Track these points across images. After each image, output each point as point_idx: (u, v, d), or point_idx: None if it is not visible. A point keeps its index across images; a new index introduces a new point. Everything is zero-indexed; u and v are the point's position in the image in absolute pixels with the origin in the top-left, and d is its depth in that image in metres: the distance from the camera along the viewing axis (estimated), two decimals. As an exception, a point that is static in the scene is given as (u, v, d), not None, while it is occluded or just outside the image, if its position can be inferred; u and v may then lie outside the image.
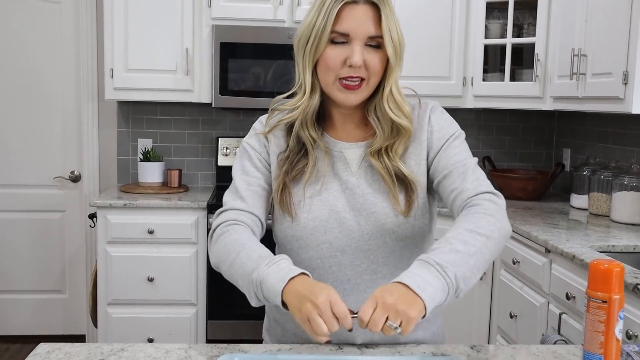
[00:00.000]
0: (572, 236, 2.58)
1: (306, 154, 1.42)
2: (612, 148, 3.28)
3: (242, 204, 1.41)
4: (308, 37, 1.35)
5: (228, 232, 1.36)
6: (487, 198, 1.32)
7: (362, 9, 1.33)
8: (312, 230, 1.39)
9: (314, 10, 1.35)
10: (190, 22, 3.37)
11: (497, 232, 1.26)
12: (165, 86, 3.39)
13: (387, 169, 1.39)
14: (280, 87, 3.38)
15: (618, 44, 2.60)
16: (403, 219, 1.38)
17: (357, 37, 1.32)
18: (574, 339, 2.26)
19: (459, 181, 1.36)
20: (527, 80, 3.31)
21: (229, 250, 1.32)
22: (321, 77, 1.38)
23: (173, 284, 3.25)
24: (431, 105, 1.46)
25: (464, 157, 1.40)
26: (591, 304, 1.15)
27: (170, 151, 3.79)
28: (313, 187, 1.41)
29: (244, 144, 1.50)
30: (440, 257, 1.19)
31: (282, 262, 1.25)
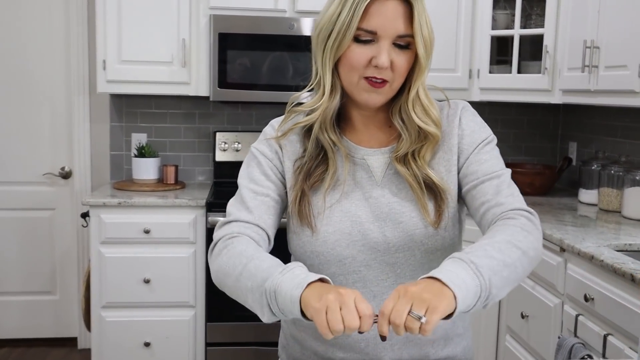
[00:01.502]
0: (587, 234, 2.49)
1: (325, 159, 1.30)
2: (621, 142, 3.20)
3: (249, 215, 1.28)
4: (330, 31, 1.23)
5: (232, 245, 1.23)
6: (524, 215, 1.21)
7: (392, 4, 1.20)
8: (334, 245, 1.27)
9: (336, 3, 1.22)
10: (187, 11, 3.24)
11: (533, 251, 1.16)
12: (161, 79, 3.25)
13: (414, 176, 1.27)
14: (281, 80, 3.26)
15: (634, 36, 2.51)
16: (433, 230, 1.26)
17: (386, 35, 1.21)
18: (592, 342, 2.17)
19: (491, 193, 1.24)
20: (535, 72, 3.22)
21: (234, 263, 1.18)
22: (343, 76, 1.26)
23: (170, 286, 3.13)
24: (462, 106, 1.34)
25: (497, 166, 1.29)
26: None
27: (166, 146, 3.66)
28: (332, 195, 1.29)
29: (253, 150, 1.36)
30: (476, 258, 1.07)
31: (297, 269, 1.10)
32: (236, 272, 1.17)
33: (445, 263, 1.08)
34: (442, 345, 1.33)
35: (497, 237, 1.14)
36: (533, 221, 1.21)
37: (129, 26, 3.22)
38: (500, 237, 1.14)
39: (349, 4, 1.20)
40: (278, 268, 1.11)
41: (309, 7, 3.26)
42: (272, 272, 1.10)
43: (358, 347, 1.28)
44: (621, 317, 2.04)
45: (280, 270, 1.10)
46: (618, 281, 2.07)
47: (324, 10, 1.27)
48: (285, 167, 1.33)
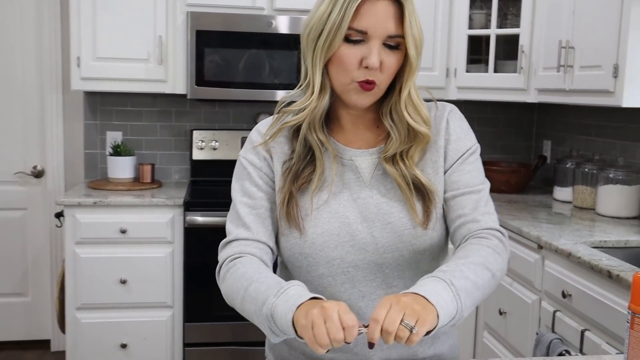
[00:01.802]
0: (563, 232, 2.53)
1: (313, 159, 1.29)
2: (594, 141, 3.25)
3: (246, 232, 1.29)
4: (320, 31, 1.22)
5: (234, 267, 1.24)
6: (497, 236, 1.26)
7: (382, 4, 1.20)
8: (322, 246, 1.27)
9: (326, 2, 1.22)
10: (164, 8, 3.20)
11: (500, 272, 1.22)
12: (137, 76, 3.21)
13: (403, 177, 1.27)
14: (259, 78, 3.25)
15: (608, 37, 2.55)
16: (421, 230, 1.27)
17: (376, 35, 1.20)
18: (569, 338, 2.21)
19: (469, 208, 1.28)
20: (511, 72, 3.25)
21: (237, 287, 1.21)
22: (334, 77, 1.25)
23: (147, 286, 3.10)
24: (449, 109, 1.35)
25: (478, 179, 1.31)
26: (636, 320, 1.07)
27: (142, 144, 3.61)
28: (320, 196, 1.29)
29: (242, 160, 1.35)
30: (455, 279, 1.11)
31: (291, 289, 1.12)
32: (240, 296, 1.20)
33: (427, 281, 1.11)
34: (430, 344, 1.34)
35: (472, 257, 1.18)
36: (504, 242, 1.26)
37: (104, 22, 3.17)
38: (474, 257, 1.18)
39: (340, 4, 1.19)
40: (274, 290, 1.13)
41: (287, 4, 3.25)
42: (269, 295, 1.12)
43: (347, 347, 1.28)
44: (598, 313, 2.07)
45: (275, 292, 1.12)
46: (595, 277, 2.11)
47: (314, 9, 1.26)
48: (275, 171, 1.32)
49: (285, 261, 1.34)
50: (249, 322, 2.97)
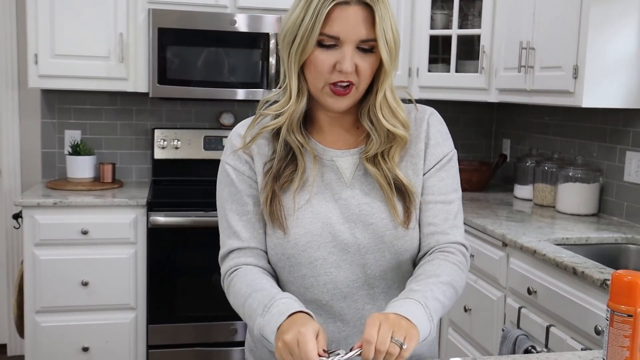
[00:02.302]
0: (527, 229, 2.59)
1: (294, 159, 1.30)
2: (553, 139, 3.33)
3: (238, 242, 1.31)
4: (294, 35, 1.23)
5: (232, 281, 1.31)
6: (462, 251, 1.32)
7: (353, 10, 1.20)
8: (305, 247, 1.27)
9: (300, 7, 1.22)
10: (125, 5, 3.13)
11: (461, 289, 1.29)
12: (97, 74, 3.14)
13: (385, 177, 1.28)
14: (223, 76, 3.22)
15: (568, 39, 2.62)
16: (403, 230, 1.29)
17: (348, 40, 1.21)
18: (534, 333, 2.26)
19: (440, 218, 1.32)
20: (472, 71, 3.30)
21: (237, 304, 1.28)
22: (310, 81, 1.26)
23: (110, 288, 3.04)
24: (429, 112, 1.36)
25: (452, 187, 1.35)
26: (615, 318, 1.10)
27: (101, 143, 3.54)
28: (301, 196, 1.29)
29: (225, 166, 1.35)
30: (429, 302, 1.17)
31: (274, 306, 1.17)
32: (241, 313, 1.27)
33: (404, 302, 1.16)
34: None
35: (441, 276, 1.23)
36: (466, 258, 1.33)
37: (62, 19, 3.08)
38: (443, 277, 1.23)
39: (312, 10, 1.20)
40: (261, 307, 1.19)
41: (250, 3, 3.23)
42: (258, 314, 1.18)
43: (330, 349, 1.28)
44: (563, 309, 2.13)
45: (261, 311, 1.18)
46: (560, 274, 2.16)
47: (289, 13, 1.26)
48: (257, 173, 1.32)
49: (270, 261, 1.35)
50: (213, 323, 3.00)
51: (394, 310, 1.12)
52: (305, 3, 1.21)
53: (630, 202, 2.77)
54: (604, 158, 2.93)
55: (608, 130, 2.91)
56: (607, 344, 1.11)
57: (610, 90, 2.59)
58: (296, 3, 1.25)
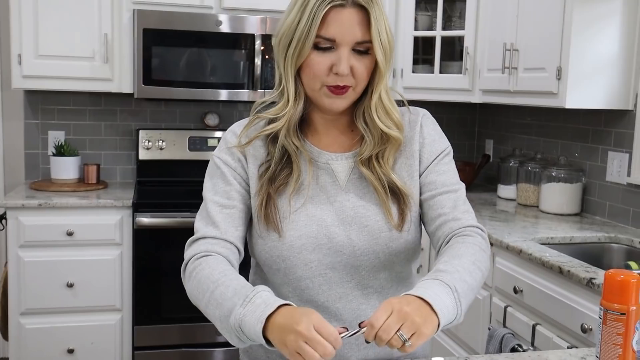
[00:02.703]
0: (512, 229, 2.62)
1: (290, 162, 1.30)
2: (535, 140, 3.37)
3: (215, 230, 1.28)
4: (290, 39, 1.24)
5: (200, 266, 1.24)
6: (479, 233, 1.30)
7: (349, 12, 1.21)
8: (300, 249, 1.28)
9: (295, 10, 1.23)
10: (109, 5, 3.12)
11: (486, 270, 1.26)
12: (82, 74, 3.12)
13: (379, 180, 1.30)
14: (208, 77, 3.22)
15: (551, 40, 2.65)
16: (397, 233, 1.29)
17: (344, 43, 1.22)
18: (521, 332, 2.29)
19: (449, 207, 1.31)
20: (456, 72, 3.33)
21: (202, 289, 1.20)
22: (306, 83, 1.27)
23: (95, 289, 3.02)
24: (422, 113, 1.38)
25: (454, 178, 1.35)
26: (608, 316, 1.12)
27: (85, 144, 3.51)
28: (297, 199, 1.30)
29: (216, 160, 1.34)
30: (457, 283, 1.14)
31: (257, 297, 1.12)
32: (205, 298, 1.19)
33: (432, 284, 1.13)
34: None
35: (465, 257, 1.21)
36: (485, 239, 1.30)
37: (46, 19, 3.06)
38: (467, 257, 1.21)
39: (307, 13, 1.21)
40: (240, 297, 1.13)
41: (236, 4, 3.23)
42: (235, 303, 1.12)
43: None
44: (549, 307, 2.16)
45: (241, 301, 1.12)
46: (546, 273, 2.19)
47: (284, 17, 1.27)
48: (249, 174, 1.32)
49: (262, 264, 1.34)
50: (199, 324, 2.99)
51: (419, 292, 1.10)
52: (300, 7, 1.23)
53: (612, 202, 2.82)
54: (586, 158, 2.98)
55: (590, 131, 2.95)
56: (600, 341, 1.13)
57: (593, 92, 2.63)
58: (291, 7, 1.26)
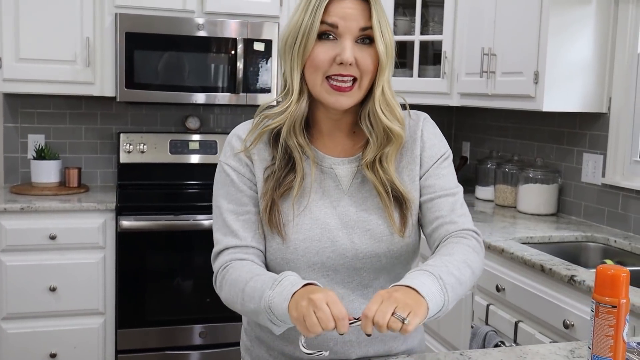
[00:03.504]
0: (492, 229, 2.69)
1: (294, 166, 1.32)
2: (512, 142, 3.45)
3: (235, 239, 1.32)
4: (295, 37, 1.27)
5: (228, 273, 1.29)
6: (474, 236, 1.33)
7: (351, 2, 1.26)
8: (304, 252, 1.30)
9: (299, 11, 1.28)
10: (91, 9, 3.11)
11: (478, 270, 1.29)
12: (64, 78, 3.11)
13: (382, 184, 1.32)
14: (190, 81, 3.23)
15: (528, 45, 2.73)
16: (398, 237, 1.33)
17: (347, 30, 1.26)
18: (503, 329, 2.35)
19: (446, 210, 1.34)
20: (434, 76, 3.39)
21: (235, 292, 1.25)
22: (309, 79, 1.29)
23: (78, 293, 3.01)
24: (423, 117, 1.41)
25: (452, 182, 1.38)
26: (600, 309, 1.17)
27: (66, 148, 3.49)
28: (300, 202, 1.32)
29: (224, 166, 1.37)
30: (443, 274, 1.18)
31: (285, 280, 1.17)
32: (239, 299, 1.24)
33: (417, 274, 1.17)
34: (403, 340, 1.41)
35: (455, 255, 1.25)
36: (480, 242, 1.33)
37: (27, 23, 3.05)
38: (458, 256, 1.25)
39: (311, 7, 1.25)
40: (269, 284, 1.18)
41: (218, 8, 3.25)
42: (265, 289, 1.17)
43: (327, 346, 1.33)
44: (531, 305, 2.22)
45: (270, 285, 1.17)
46: (528, 271, 2.26)
47: (289, 21, 1.31)
48: (257, 177, 1.34)
49: (267, 265, 1.37)
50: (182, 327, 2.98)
51: (405, 282, 1.13)
52: (303, 7, 1.27)
53: (587, 202, 2.90)
54: (561, 160, 3.06)
55: (565, 133, 3.04)
56: (592, 333, 1.18)
57: (569, 95, 2.72)
58: (294, 12, 1.30)
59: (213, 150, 3.55)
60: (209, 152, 3.54)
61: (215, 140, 3.57)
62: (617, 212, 2.73)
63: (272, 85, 3.28)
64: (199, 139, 3.56)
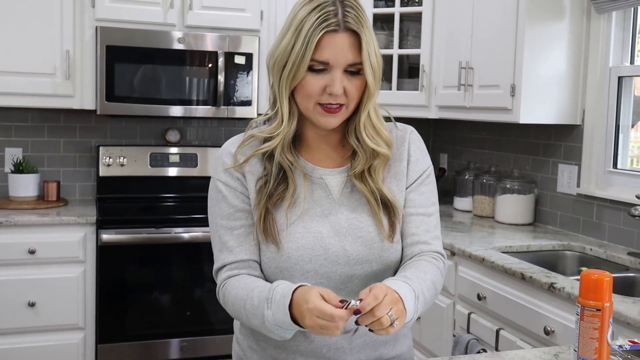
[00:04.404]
0: (472, 239, 2.73)
1: (285, 177, 1.36)
2: (489, 154, 3.51)
3: (230, 256, 1.37)
4: (285, 62, 1.30)
5: (227, 291, 1.35)
6: (442, 260, 1.43)
7: (342, 37, 1.28)
8: (297, 260, 1.34)
9: (290, 34, 1.30)
10: (71, 22, 3.11)
11: (440, 289, 1.40)
12: (43, 91, 3.10)
13: (372, 192, 1.37)
14: (171, 93, 3.24)
15: (504, 59, 2.80)
16: (389, 243, 1.37)
17: (337, 65, 1.29)
18: (484, 337, 2.39)
19: (422, 229, 1.42)
20: (412, 89, 3.44)
21: (237, 310, 1.32)
22: (300, 103, 1.34)
23: (58, 308, 2.98)
24: (410, 130, 1.46)
25: (431, 200, 1.45)
26: (585, 312, 1.21)
27: (44, 161, 3.47)
28: (293, 212, 1.36)
29: (216, 183, 1.40)
30: (420, 295, 1.27)
31: (275, 294, 1.24)
32: (243, 317, 1.31)
33: (403, 286, 1.24)
34: (392, 345, 1.44)
35: (428, 275, 1.34)
36: (445, 265, 1.44)
37: (6, 35, 3.03)
38: (429, 276, 1.35)
39: (302, 38, 1.27)
40: (263, 302, 1.25)
41: (198, 22, 3.26)
42: (263, 308, 1.24)
43: (320, 353, 1.35)
44: (512, 312, 2.27)
45: (265, 304, 1.24)
46: (509, 280, 2.30)
47: (278, 41, 1.33)
48: (249, 189, 1.38)
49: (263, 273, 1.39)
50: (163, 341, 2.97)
51: (394, 287, 1.21)
52: (294, 31, 1.29)
53: (563, 212, 2.97)
54: (537, 171, 3.13)
55: (541, 145, 3.10)
56: (578, 336, 1.22)
57: (544, 107, 2.79)
58: (284, 30, 1.32)
59: (193, 163, 3.55)
60: (190, 165, 3.55)
61: (195, 153, 3.57)
62: (592, 221, 2.80)
63: (253, 98, 3.30)
64: (180, 152, 3.56)
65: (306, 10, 1.28)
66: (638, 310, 1.82)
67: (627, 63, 2.73)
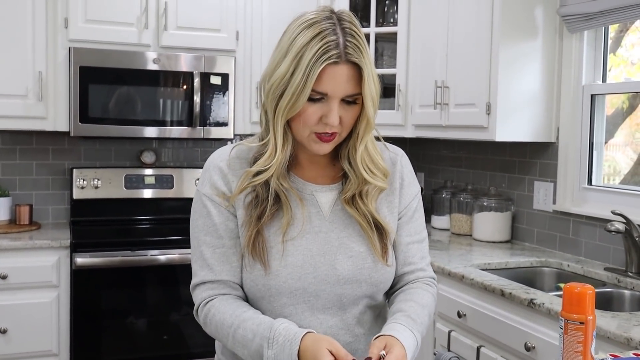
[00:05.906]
0: (451, 257, 2.73)
1: (278, 199, 1.33)
2: (465, 172, 3.53)
3: (210, 274, 1.34)
4: (282, 91, 1.26)
5: (210, 313, 1.33)
6: (433, 284, 1.47)
7: (342, 69, 1.25)
8: (286, 278, 1.31)
9: (288, 61, 1.25)
10: (44, 43, 3.07)
11: (433, 313, 1.45)
12: (14, 113, 3.04)
13: (363, 216, 1.35)
14: (147, 115, 3.20)
15: (480, 78, 2.83)
16: (381, 265, 1.36)
17: (335, 96, 1.26)
18: (465, 355, 2.37)
19: (418, 257, 1.45)
20: (389, 109, 3.46)
21: (223, 334, 1.31)
22: (295, 130, 1.31)
23: (31, 334, 2.90)
24: (401, 153, 1.47)
25: (421, 226, 1.47)
26: (569, 326, 1.21)
27: (16, 184, 3.40)
28: (282, 230, 1.33)
29: (202, 197, 1.36)
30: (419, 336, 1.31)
31: (277, 336, 1.23)
32: (229, 343, 1.30)
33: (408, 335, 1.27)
34: None
35: (427, 309, 1.38)
36: (435, 288, 1.48)
37: (-23, 56, 2.99)
38: (428, 310, 1.38)
39: (302, 68, 1.23)
40: (263, 339, 1.24)
41: (173, 42, 3.25)
42: (262, 346, 1.23)
43: None
44: (492, 329, 2.26)
45: (266, 342, 1.23)
46: (489, 297, 2.30)
47: (274, 64, 1.29)
48: (236, 205, 1.34)
49: (247, 291, 1.36)
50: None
51: (400, 337, 1.24)
52: (293, 58, 1.24)
53: (539, 229, 2.98)
54: (514, 188, 3.15)
55: (517, 162, 3.13)
56: (562, 350, 1.22)
57: (519, 125, 2.81)
58: (281, 56, 1.27)
59: (169, 184, 3.52)
60: (165, 186, 3.51)
61: (171, 174, 3.53)
62: (569, 237, 2.82)
63: (230, 118, 3.28)
64: (155, 174, 3.52)
65: (306, 37, 1.24)
66: (617, 324, 1.83)
67: (599, 81, 2.77)
